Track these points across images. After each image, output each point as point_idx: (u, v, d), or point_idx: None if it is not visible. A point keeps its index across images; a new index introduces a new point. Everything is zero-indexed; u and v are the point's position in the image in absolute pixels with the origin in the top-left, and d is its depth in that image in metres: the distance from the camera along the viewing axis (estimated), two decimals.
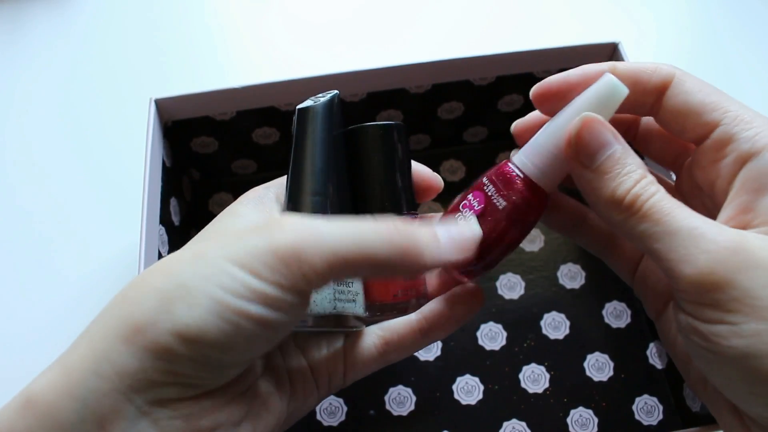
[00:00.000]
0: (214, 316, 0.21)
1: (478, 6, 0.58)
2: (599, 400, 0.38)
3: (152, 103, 0.39)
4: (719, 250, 0.21)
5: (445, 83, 0.42)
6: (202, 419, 0.22)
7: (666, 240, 0.22)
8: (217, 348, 0.21)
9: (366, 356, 0.29)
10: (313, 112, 0.28)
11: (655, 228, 0.22)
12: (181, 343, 0.21)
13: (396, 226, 0.23)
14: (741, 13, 0.57)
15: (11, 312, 0.43)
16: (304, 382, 0.27)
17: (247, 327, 0.21)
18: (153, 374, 0.21)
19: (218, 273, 0.21)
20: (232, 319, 0.21)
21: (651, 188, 0.23)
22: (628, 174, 0.23)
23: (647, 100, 0.26)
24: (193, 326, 0.21)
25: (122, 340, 0.21)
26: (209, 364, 0.21)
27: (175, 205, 0.41)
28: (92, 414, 0.20)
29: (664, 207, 0.22)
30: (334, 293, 0.27)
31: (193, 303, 0.21)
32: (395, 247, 0.23)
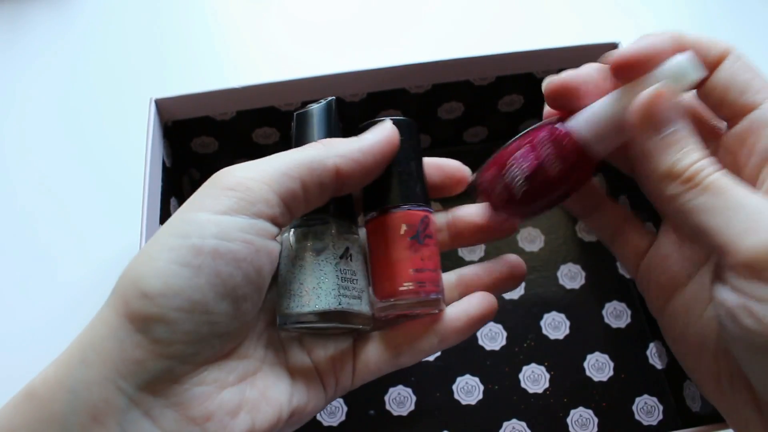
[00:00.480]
0: (172, 263, 0.21)
1: (478, 6, 0.58)
2: (599, 400, 0.38)
3: (152, 103, 0.39)
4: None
5: (445, 83, 0.42)
6: (194, 407, 0.22)
7: (726, 214, 0.21)
8: (184, 297, 0.21)
9: (377, 358, 0.28)
10: (310, 115, 0.28)
11: (714, 201, 0.22)
12: (149, 302, 0.21)
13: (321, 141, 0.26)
14: (741, 13, 0.57)
15: (11, 312, 0.43)
16: (306, 378, 0.27)
17: (204, 264, 0.22)
18: (133, 351, 0.21)
19: (173, 224, 0.23)
20: (190, 262, 0.21)
21: (713, 166, 0.22)
22: (691, 150, 0.23)
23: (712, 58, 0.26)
24: (154, 281, 0.21)
25: (102, 325, 0.22)
26: (183, 321, 0.21)
27: (175, 205, 0.41)
28: (83, 405, 0.21)
29: (727, 183, 0.22)
30: (338, 288, 0.27)
31: (153, 260, 0.22)
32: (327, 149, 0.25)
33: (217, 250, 0.22)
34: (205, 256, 0.22)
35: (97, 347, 0.21)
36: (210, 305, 0.22)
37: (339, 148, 0.26)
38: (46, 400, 0.21)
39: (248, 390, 0.24)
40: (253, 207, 0.23)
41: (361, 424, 0.38)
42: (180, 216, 0.23)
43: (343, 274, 0.27)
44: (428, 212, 0.28)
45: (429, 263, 0.27)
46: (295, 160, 0.25)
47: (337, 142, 0.26)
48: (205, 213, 0.22)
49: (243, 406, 0.24)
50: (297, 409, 0.26)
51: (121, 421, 0.21)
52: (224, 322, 0.23)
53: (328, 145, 0.26)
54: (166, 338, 0.21)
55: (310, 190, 0.25)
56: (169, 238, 0.22)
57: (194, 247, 0.22)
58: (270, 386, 0.25)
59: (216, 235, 0.22)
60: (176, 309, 0.21)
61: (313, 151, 0.25)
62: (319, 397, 0.27)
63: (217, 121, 0.42)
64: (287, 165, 0.24)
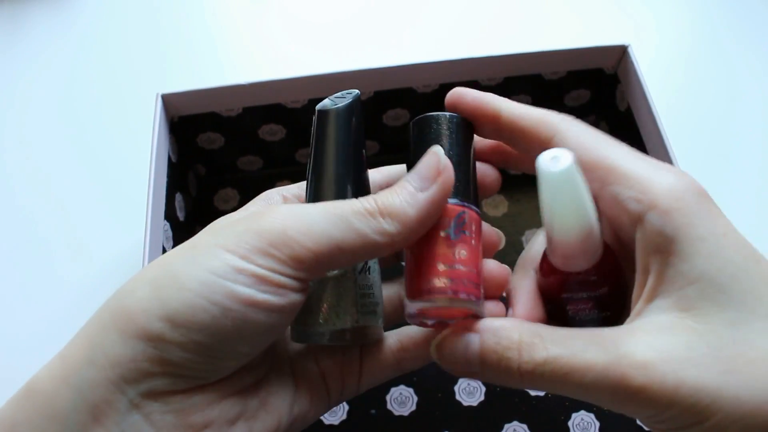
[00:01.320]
0: (202, 299, 0.21)
1: (486, 6, 0.57)
2: None
3: (159, 99, 0.39)
4: (638, 392, 0.20)
5: (453, 83, 0.42)
6: (193, 415, 0.22)
7: (587, 396, 0.21)
8: (207, 333, 0.21)
9: (382, 363, 0.28)
10: (335, 115, 0.26)
11: (570, 391, 0.22)
12: (170, 328, 0.21)
13: (377, 200, 0.24)
14: (741, 13, 0.56)
15: (14, 309, 0.43)
16: (311, 386, 0.27)
17: (235, 310, 0.21)
18: (144, 363, 0.21)
19: (208, 258, 0.22)
20: (221, 302, 0.21)
21: (535, 352, 0.22)
22: (503, 353, 0.22)
23: (534, 147, 0.25)
24: (181, 310, 0.21)
25: (115, 329, 0.21)
26: (200, 352, 0.21)
27: (180, 200, 0.41)
28: (86, 403, 0.21)
29: (562, 368, 0.21)
30: (356, 305, 0.26)
31: (182, 288, 0.21)
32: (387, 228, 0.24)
33: (251, 298, 0.22)
34: (238, 302, 0.21)
35: (108, 350, 0.21)
36: (229, 344, 0.22)
37: (396, 224, 0.23)
38: (49, 396, 0.21)
39: (250, 399, 0.24)
40: (293, 271, 0.22)
41: (363, 424, 0.38)
42: (215, 252, 0.22)
43: (361, 290, 0.26)
44: (467, 208, 0.25)
45: (465, 261, 0.24)
46: (350, 232, 0.23)
47: (394, 210, 0.23)
48: (244, 262, 0.22)
49: (242, 414, 0.24)
50: (298, 416, 0.26)
51: (121, 422, 0.21)
52: (237, 358, 0.23)
53: (387, 222, 0.23)
54: (179, 362, 0.21)
55: (355, 260, 0.24)
56: (203, 272, 0.21)
57: (228, 290, 0.21)
58: (272, 394, 0.25)
59: (252, 285, 0.22)
60: (196, 341, 0.21)
61: (369, 227, 0.23)
62: (321, 403, 0.27)
63: (224, 117, 0.42)
64: (341, 237, 0.22)
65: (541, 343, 0.22)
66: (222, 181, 0.47)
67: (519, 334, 0.22)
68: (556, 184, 0.21)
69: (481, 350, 0.23)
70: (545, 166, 0.21)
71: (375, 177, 0.29)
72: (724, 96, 0.51)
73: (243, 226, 0.23)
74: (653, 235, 0.21)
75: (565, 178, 0.21)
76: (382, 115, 0.44)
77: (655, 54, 0.54)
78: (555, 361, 0.21)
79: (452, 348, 0.24)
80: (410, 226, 0.24)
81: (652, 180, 0.22)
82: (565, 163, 0.21)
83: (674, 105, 0.50)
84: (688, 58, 0.54)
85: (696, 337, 0.20)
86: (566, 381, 0.21)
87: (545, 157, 0.21)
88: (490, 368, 0.23)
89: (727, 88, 0.52)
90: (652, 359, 0.20)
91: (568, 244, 0.23)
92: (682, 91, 0.51)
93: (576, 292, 0.25)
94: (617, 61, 0.42)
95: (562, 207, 0.22)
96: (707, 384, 0.20)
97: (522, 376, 0.22)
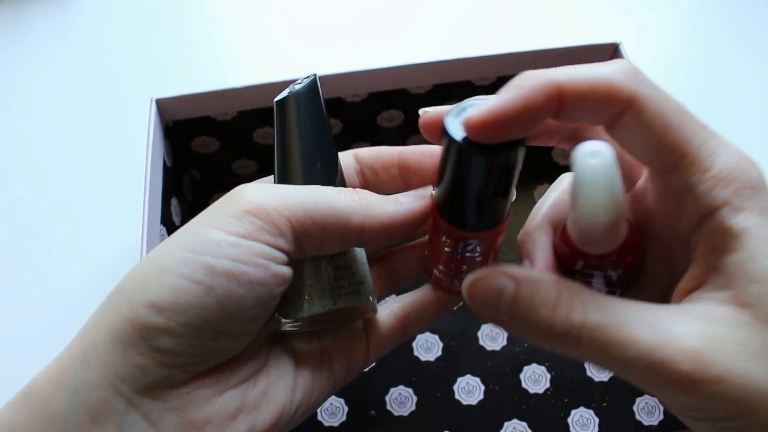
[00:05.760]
0: (184, 279, 0.21)
1: (479, 6, 0.58)
2: (600, 400, 0.38)
3: (153, 103, 0.39)
4: (682, 377, 0.19)
5: (446, 83, 0.42)
6: (193, 411, 0.22)
7: (621, 371, 0.21)
8: (192, 313, 0.21)
9: (389, 331, 0.28)
10: (292, 101, 0.26)
11: (604, 362, 0.21)
12: (156, 313, 0.21)
13: (358, 191, 0.25)
14: (741, 13, 0.57)
15: (12, 312, 0.43)
16: (313, 369, 0.26)
17: (218, 286, 0.21)
18: (135, 356, 0.21)
19: (186, 237, 0.22)
20: (203, 279, 0.21)
21: (574, 314, 0.20)
22: (540, 305, 0.21)
23: (601, 121, 0.22)
24: (164, 293, 0.21)
25: (105, 326, 0.21)
26: (189, 335, 0.21)
27: (176, 205, 0.41)
28: (83, 405, 0.21)
29: (604, 338, 0.20)
30: (330, 288, 0.26)
31: (163, 270, 0.21)
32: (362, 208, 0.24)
33: (231, 271, 0.21)
34: (219, 276, 0.21)
35: (99, 349, 0.21)
36: (217, 324, 0.22)
37: (372, 209, 0.24)
38: (46, 399, 0.21)
39: (249, 391, 0.24)
40: (270, 237, 0.22)
41: (362, 425, 0.38)
42: (194, 230, 0.22)
43: (336, 272, 0.26)
44: (475, 235, 0.24)
45: (465, 272, 0.25)
46: (323, 203, 0.23)
47: (372, 199, 0.25)
48: (221, 232, 0.22)
49: (243, 408, 0.23)
50: (301, 402, 0.25)
51: (120, 423, 0.21)
52: (229, 339, 0.23)
53: (363, 201, 0.24)
54: (170, 349, 0.21)
55: (327, 238, 0.24)
56: (183, 252, 0.22)
57: (208, 265, 0.21)
58: (273, 383, 0.25)
59: (231, 257, 0.22)
60: (183, 324, 0.21)
61: (344, 201, 0.24)
62: (326, 384, 0.26)
63: (218, 121, 0.42)
64: (314, 206, 0.23)
65: (581, 306, 0.21)
66: (217, 186, 0.47)
67: (558, 291, 0.21)
68: (592, 179, 0.20)
69: (514, 299, 0.21)
70: (583, 160, 0.20)
71: (363, 154, 0.29)
72: (722, 95, 0.52)
73: (219, 203, 0.23)
74: (721, 230, 0.21)
75: (602, 174, 0.20)
76: (376, 116, 0.44)
77: (655, 54, 0.54)
78: (594, 328, 0.20)
79: (485, 290, 0.22)
80: (382, 217, 0.24)
81: (729, 174, 0.21)
82: (606, 160, 0.20)
83: None
84: (686, 56, 0.54)
85: (752, 333, 0.20)
86: (602, 351, 0.20)
87: (584, 150, 0.20)
88: (519, 320, 0.21)
89: (726, 87, 0.52)
90: (703, 347, 0.19)
91: (593, 231, 0.22)
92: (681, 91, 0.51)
93: (589, 269, 0.25)
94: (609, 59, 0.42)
95: (594, 200, 0.21)
96: (757, 379, 0.19)
97: (552, 336, 0.21)
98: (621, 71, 0.21)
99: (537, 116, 0.21)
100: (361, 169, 0.29)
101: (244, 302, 0.22)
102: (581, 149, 0.20)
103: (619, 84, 0.21)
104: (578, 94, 0.21)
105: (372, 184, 0.28)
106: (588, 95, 0.21)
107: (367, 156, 0.29)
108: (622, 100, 0.21)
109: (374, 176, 0.28)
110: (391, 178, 0.28)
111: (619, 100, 0.21)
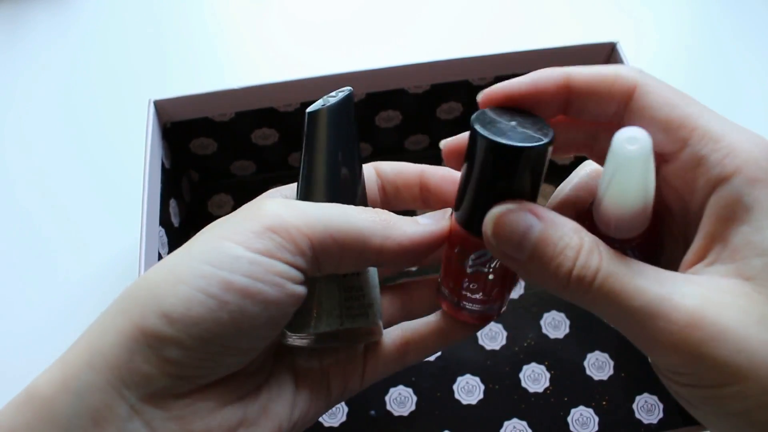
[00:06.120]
0: (198, 292, 0.21)
1: (477, 6, 0.58)
2: (600, 399, 0.38)
3: (151, 105, 0.39)
4: (680, 330, 0.20)
5: (444, 83, 0.42)
6: (194, 423, 0.22)
7: (624, 321, 0.21)
8: (204, 327, 0.21)
9: (386, 358, 0.28)
10: (324, 114, 0.25)
11: (609, 310, 0.21)
12: (167, 324, 0.21)
13: (378, 211, 0.24)
14: (741, 13, 0.57)
15: (11, 313, 0.43)
16: (312, 387, 0.26)
17: (232, 302, 0.21)
18: (142, 364, 0.21)
19: (205, 249, 0.22)
20: (217, 294, 0.21)
21: (593, 261, 0.21)
22: (563, 252, 0.21)
23: (608, 111, 0.23)
24: (177, 305, 0.21)
25: (114, 331, 0.21)
26: (198, 348, 0.21)
27: (174, 206, 0.41)
28: (87, 409, 0.21)
29: (614, 285, 0.21)
30: (340, 308, 0.26)
31: (179, 281, 0.21)
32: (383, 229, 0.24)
33: (248, 289, 0.21)
34: (234, 293, 0.21)
35: (106, 353, 0.21)
36: (227, 339, 0.22)
37: (392, 230, 0.24)
38: (49, 401, 0.21)
39: (250, 405, 0.24)
40: (290, 255, 0.22)
41: (362, 425, 0.38)
42: (213, 242, 0.22)
43: (347, 292, 0.26)
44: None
45: (473, 290, 0.26)
46: (344, 222, 0.23)
47: (393, 220, 0.24)
48: (241, 248, 0.21)
49: (243, 422, 0.23)
50: (298, 419, 0.26)
51: (122, 428, 0.21)
52: (237, 354, 0.23)
53: (384, 222, 0.24)
54: (177, 360, 0.21)
55: (345, 257, 0.24)
56: (200, 264, 0.21)
57: (224, 280, 0.21)
58: (273, 399, 0.25)
59: (248, 274, 0.21)
60: (193, 336, 0.21)
61: (365, 221, 0.24)
62: (321, 403, 0.27)
63: (216, 122, 0.42)
64: (336, 225, 0.23)
65: (599, 255, 0.21)
66: (216, 187, 0.47)
67: (581, 238, 0.21)
68: (628, 164, 0.21)
69: (538, 238, 0.21)
70: (621, 145, 0.20)
71: (385, 169, 0.29)
72: (721, 94, 0.52)
73: (240, 215, 0.23)
74: (730, 201, 0.21)
75: (639, 160, 0.20)
76: (374, 116, 0.44)
77: (654, 54, 0.54)
78: (608, 275, 0.21)
79: (512, 224, 0.22)
80: (402, 238, 0.24)
81: (740, 145, 0.21)
82: (644, 145, 0.20)
83: None
84: (685, 56, 0.54)
85: (753, 304, 0.20)
86: (610, 299, 0.20)
87: (622, 136, 0.20)
88: (538, 261, 0.21)
89: (724, 86, 0.52)
90: (704, 308, 0.20)
91: (621, 217, 0.23)
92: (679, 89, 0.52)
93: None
94: (606, 58, 0.42)
95: (628, 186, 0.21)
96: (751, 347, 0.19)
97: (569, 282, 0.21)
98: (625, 67, 0.23)
99: (546, 98, 0.23)
100: (382, 184, 0.29)
101: (257, 320, 0.22)
102: (620, 134, 0.20)
103: (622, 73, 0.23)
104: (584, 82, 0.23)
105: (392, 199, 0.29)
106: (593, 83, 0.23)
107: (389, 171, 0.29)
108: (626, 85, 0.22)
109: (395, 192, 0.29)
110: (412, 196, 0.29)
111: (624, 85, 0.22)
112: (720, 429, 0.22)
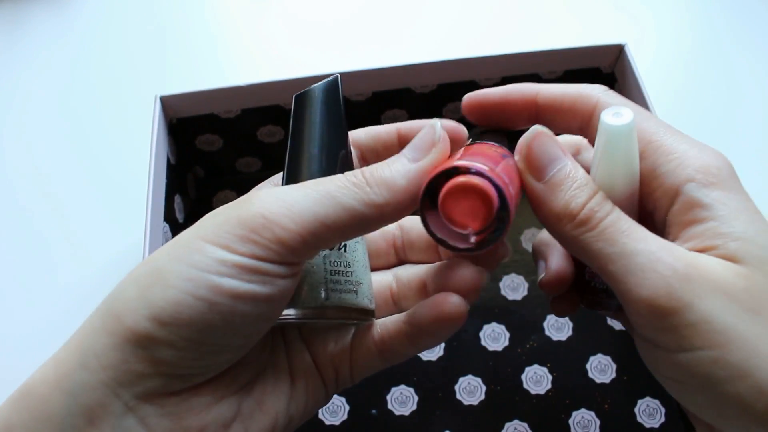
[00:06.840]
0: (187, 295, 0.21)
1: (483, 6, 0.58)
2: (601, 402, 0.38)
3: (157, 101, 0.39)
4: (676, 275, 0.20)
5: (451, 83, 0.42)
6: (189, 418, 0.22)
7: (622, 262, 0.21)
8: (195, 329, 0.21)
9: (369, 353, 0.27)
10: (312, 96, 0.26)
11: (611, 248, 0.22)
12: (158, 327, 0.21)
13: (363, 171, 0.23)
14: (741, 13, 0.56)
15: (13, 311, 0.43)
16: (307, 379, 0.26)
17: (222, 303, 0.21)
18: (135, 365, 0.21)
19: (190, 252, 0.21)
20: (206, 296, 0.21)
21: (606, 205, 0.22)
22: (580, 188, 0.23)
23: (572, 125, 0.26)
24: (167, 308, 0.21)
25: (105, 332, 0.21)
26: (190, 348, 0.21)
27: (179, 202, 0.41)
28: (80, 407, 0.21)
29: (621, 227, 0.22)
30: (325, 283, 0.25)
31: (167, 285, 0.21)
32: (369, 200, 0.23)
33: (236, 290, 0.21)
34: (223, 295, 0.21)
35: (99, 354, 0.21)
36: (220, 338, 0.22)
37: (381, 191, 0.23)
38: (43, 400, 0.21)
39: (245, 400, 0.24)
40: (278, 256, 0.22)
41: (363, 424, 0.38)
42: (197, 244, 0.21)
43: (333, 266, 0.26)
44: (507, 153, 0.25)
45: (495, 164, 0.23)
46: (331, 204, 0.22)
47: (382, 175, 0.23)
48: (225, 252, 0.21)
49: (238, 416, 0.23)
50: (296, 412, 0.25)
51: (116, 426, 0.21)
52: (231, 351, 0.23)
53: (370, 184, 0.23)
54: (170, 360, 0.21)
55: (337, 236, 0.23)
56: (187, 268, 0.21)
57: (212, 283, 0.21)
58: (268, 392, 0.25)
59: (236, 276, 0.21)
60: (185, 338, 0.21)
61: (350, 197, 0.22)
62: (319, 395, 0.27)
63: (222, 118, 0.42)
64: (324, 211, 0.22)
65: (611, 204, 0.23)
66: (221, 183, 0.47)
67: (597, 186, 0.23)
68: (616, 138, 0.23)
69: (562, 168, 0.23)
70: (608, 119, 0.22)
71: (360, 137, 0.28)
72: (723, 96, 0.52)
73: (223, 216, 0.22)
74: (691, 204, 0.22)
75: (626, 132, 0.22)
76: (380, 115, 0.44)
77: (654, 54, 0.54)
78: (616, 219, 0.22)
79: (546, 144, 0.23)
80: (399, 196, 0.23)
81: (691, 155, 0.23)
82: (628, 117, 0.22)
83: (673, 104, 0.50)
84: (687, 57, 0.54)
85: (738, 277, 0.21)
86: (612, 240, 0.22)
87: (608, 112, 0.23)
88: (557, 190, 0.23)
89: (726, 87, 0.52)
90: (699, 264, 0.21)
91: (611, 192, 0.24)
92: (681, 90, 0.52)
93: None
94: (614, 60, 0.42)
95: (617, 161, 0.23)
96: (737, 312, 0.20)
97: (577, 215, 0.22)
98: (590, 86, 0.26)
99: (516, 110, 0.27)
100: (361, 153, 0.28)
101: (248, 317, 0.22)
102: (605, 112, 0.23)
103: (585, 91, 0.25)
104: (550, 100, 0.26)
105: None
106: (557, 101, 0.26)
107: (364, 137, 0.28)
108: (588, 103, 0.25)
109: (377, 158, 0.28)
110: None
111: (585, 104, 0.25)
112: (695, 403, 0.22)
